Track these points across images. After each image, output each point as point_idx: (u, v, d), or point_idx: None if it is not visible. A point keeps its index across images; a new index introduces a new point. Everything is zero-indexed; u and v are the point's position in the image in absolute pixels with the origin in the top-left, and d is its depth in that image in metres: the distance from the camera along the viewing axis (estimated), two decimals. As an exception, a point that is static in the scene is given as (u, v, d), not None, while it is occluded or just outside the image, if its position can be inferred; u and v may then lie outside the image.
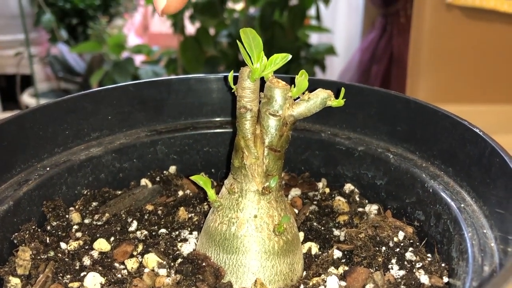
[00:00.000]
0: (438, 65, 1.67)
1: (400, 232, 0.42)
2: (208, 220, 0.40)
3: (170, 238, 0.43)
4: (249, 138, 0.38)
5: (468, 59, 1.64)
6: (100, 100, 0.49)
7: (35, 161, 0.45)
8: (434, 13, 1.60)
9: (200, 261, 0.38)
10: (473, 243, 0.35)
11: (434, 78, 1.71)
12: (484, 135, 0.39)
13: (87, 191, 0.47)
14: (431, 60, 1.67)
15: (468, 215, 0.38)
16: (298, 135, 0.51)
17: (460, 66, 1.65)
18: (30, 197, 0.42)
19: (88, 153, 0.48)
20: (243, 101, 0.37)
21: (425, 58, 1.67)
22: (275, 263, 0.38)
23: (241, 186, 0.38)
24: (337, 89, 0.37)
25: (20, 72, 2.97)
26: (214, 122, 0.54)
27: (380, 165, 0.48)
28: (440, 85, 1.68)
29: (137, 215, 0.45)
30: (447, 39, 1.62)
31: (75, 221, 0.44)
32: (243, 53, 0.35)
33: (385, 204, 0.48)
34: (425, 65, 1.71)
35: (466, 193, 0.40)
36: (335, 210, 0.48)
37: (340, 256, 0.41)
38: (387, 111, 0.48)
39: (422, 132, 0.46)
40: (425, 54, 1.66)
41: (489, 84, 1.68)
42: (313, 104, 0.36)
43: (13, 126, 0.43)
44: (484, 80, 1.67)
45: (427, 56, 1.66)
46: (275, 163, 0.38)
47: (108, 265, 0.39)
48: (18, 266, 0.37)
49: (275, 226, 0.38)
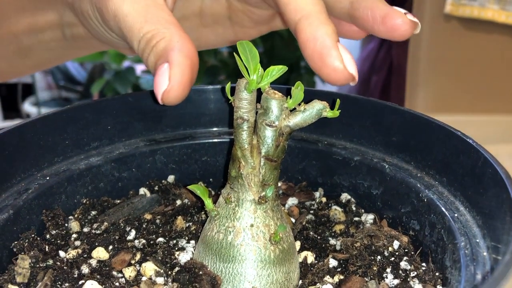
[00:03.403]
0: (437, 75, 1.68)
1: (395, 241, 0.42)
2: (205, 229, 0.41)
3: (167, 247, 0.43)
4: (246, 148, 0.38)
5: (466, 69, 1.65)
6: (99, 110, 0.50)
7: (35, 170, 0.45)
8: (432, 23, 1.62)
9: (197, 270, 0.38)
10: (466, 252, 0.35)
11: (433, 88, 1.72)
12: (477, 146, 0.40)
13: (86, 200, 0.48)
14: (429, 70, 1.68)
15: (461, 224, 0.38)
16: (296, 145, 0.52)
17: (459, 76, 1.66)
18: (29, 206, 0.43)
19: (87, 162, 0.48)
20: (240, 111, 0.38)
21: (424, 68, 1.68)
22: (271, 271, 0.38)
23: (237, 196, 0.39)
24: (332, 100, 0.38)
25: (21, 80, 2.98)
26: (212, 132, 0.54)
27: (376, 175, 0.48)
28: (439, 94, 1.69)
29: (135, 224, 0.46)
30: (445, 49, 1.64)
31: (74, 230, 0.45)
32: (240, 65, 0.36)
33: (381, 213, 0.48)
34: (423, 75, 1.72)
35: (459, 202, 0.41)
36: (332, 219, 0.48)
37: (335, 265, 0.42)
38: (382, 122, 0.49)
39: (417, 143, 0.46)
40: (423, 64, 1.67)
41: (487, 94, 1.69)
42: (308, 115, 0.37)
43: (14, 136, 0.44)
44: (483, 90, 1.69)
45: (426, 66, 1.67)
46: (272, 173, 0.39)
47: (106, 274, 0.40)
48: (17, 274, 0.38)
49: (271, 235, 0.38)
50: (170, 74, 0.37)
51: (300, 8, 0.41)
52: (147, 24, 0.41)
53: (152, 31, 0.40)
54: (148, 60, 0.40)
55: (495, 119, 1.62)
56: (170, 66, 0.37)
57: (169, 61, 0.38)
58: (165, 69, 0.38)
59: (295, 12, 0.41)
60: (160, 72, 0.38)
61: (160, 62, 0.38)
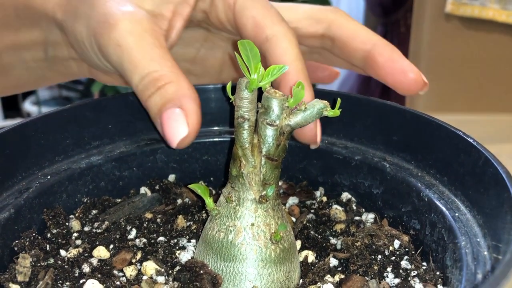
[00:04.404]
0: (438, 74, 1.68)
1: (396, 240, 0.42)
2: (206, 228, 0.41)
3: (168, 246, 0.43)
4: (246, 147, 0.38)
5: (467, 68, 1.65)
6: (100, 109, 0.50)
7: (36, 169, 0.46)
8: (433, 23, 1.62)
9: (198, 269, 0.38)
10: (467, 251, 0.35)
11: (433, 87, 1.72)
12: (477, 145, 0.40)
13: (87, 199, 0.48)
14: (430, 69, 1.68)
15: (462, 224, 0.38)
16: (296, 144, 0.52)
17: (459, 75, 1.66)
18: (31, 204, 0.43)
19: (88, 161, 0.48)
20: (241, 111, 0.38)
21: (425, 68, 1.68)
22: (272, 271, 0.38)
23: (238, 195, 0.39)
24: (333, 99, 0.38)
25: (22, 80, 2.97)
26: (212, 131, 0.54)
27: (377, 174, 0.48)
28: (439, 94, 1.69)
29: (136, 223, 0.46)
30: (446, 48, 1.64)
31: (75, 229, 0.45)
32: (241, 64, 0.36)
33: (382, 212, 0.48)
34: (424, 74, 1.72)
35: (460, 202, 0.41)
36: (332, 218, 0.48)
37: (336, 264, 0.42)
38: (383, 121, 0.49)
39: (418, 142, 0.46)
40: (424, 64, 1.67)
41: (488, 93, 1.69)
42: (309, 114, 0.37)
43: (15, 135, 0.44)
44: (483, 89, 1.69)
45: (427, 66, 1.67)
46: (272, 172, 0.39)
47: (107, 273, 0.40)
48: (18, 273, 0.38)
49: (272, 234, 0.39)
50: (188, 122, 0.40)
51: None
52: (153, 63, 0.42)
53: (159, 71, 0.42)
54: (151, 99, 0.42)
55: (496, 118, 1.62)
56: (186, 114, 0.40)
57: (183, 108, 0.40)
58: (177, 115, 0.40)
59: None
60: (172, 117, 0.40)
61: (169, 106, 0.40)
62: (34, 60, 0.56)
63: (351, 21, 0.53)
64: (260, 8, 0.48)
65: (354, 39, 0.51)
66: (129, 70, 0.43)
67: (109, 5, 0.46)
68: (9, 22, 0.54)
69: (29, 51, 0.55)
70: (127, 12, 0.45)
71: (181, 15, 0.49)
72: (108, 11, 0.45)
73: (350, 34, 0.51)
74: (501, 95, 1.69)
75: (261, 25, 0.47)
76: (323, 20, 0.53)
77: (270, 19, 0.47)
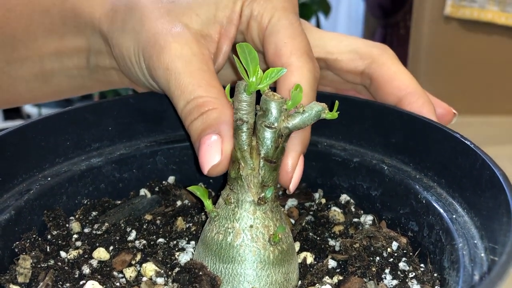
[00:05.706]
0: (437, 76, 1.68)
1: (394, 242, 0.43)
2: (205, 230, 0.41)
3: (168, 248, 0.43)
4: (245, 150, 0.38)
5: (466, 70, 1.66)
6: (100, 112, 0.50)
7: (37, 171, 0.46)
8: (432, 25, 1.62)
9: (197, 270, 0.39)
10: (464, 253, 0.35)
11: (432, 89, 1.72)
12: (475, 148, 0.40)
13: (87, 200, 0.48)
14: (429, 72, 1.68)
15: (459, 225, 0.38)
16: (295, 146, 0.52)
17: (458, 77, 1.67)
18: (31, 206, 0.43)
19: (88, 163, 0.49)
20: (240, 113, 0.38)
21: (424, 70, 1.68)
22: (270, 272, 0.39)
23: (237, 197, 0.39)
24: (331, 102, 0.38)
25: (22, 81, 2.97)
26: (212, 133, 0.55)
27: (375, 176, 0.48)
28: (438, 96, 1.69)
29: (136, 225, 0.46)
30: (445, 51, 1.64)
31: (75, 230, 0.45)
32: (239, 67, 0.36)
33: (380, 214, 0.48)
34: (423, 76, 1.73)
35: (458, 204, 0.41)
36: (331, 220, 0.49)
37: (335, 266, 0.42)
38: (381, 124, 0.49)
39: (416, 144, 0.47)
40: (423, 66, 1.68)
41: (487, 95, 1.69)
42: (307, 116, 0.37)
43: (16, 137, 0.44)
44: (482, 91, 1.69)
45: (426, 68, 1.67)
46: (271, 174, 0.39)
47: (107, 274, 0.40)
48: (19, 274, 0.38)
49: (270, 236, 0.39)
50: (222, 148, 0.39)
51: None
52: (200, 89, 0.42)
53: (205, 97, 0.42)
54: (193, 124, 0.42)
55: (495, 120, 1.62)
56: (222, 140, 0.39)
57: (221, 134, 0.39)
58: (214, 142, 0.39)
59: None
60: (208, 143, 0.39)
61: (208, 131, 0.40)
62: (76, 68, 0.56)
63: (394, 63, 0.51)
64: (286, 36, 0.46)
65: (391, 82, 0.50)
66: (176, 95, 0.43)
67: (160, 24, 0.45)
68: (54, 29, 0.54)
69: (72, 59, 0.55)
70: (176, 33, 0.45)
71: (228, 37, 0.48)
72: (158, 31, 0.45)
73: (388, 77, 0.50)
74: (500, 97, 1.70)
75: (279, 54, 0.45)
76: (366, 56, 0.52)
77: (291, 49, 0.45)
